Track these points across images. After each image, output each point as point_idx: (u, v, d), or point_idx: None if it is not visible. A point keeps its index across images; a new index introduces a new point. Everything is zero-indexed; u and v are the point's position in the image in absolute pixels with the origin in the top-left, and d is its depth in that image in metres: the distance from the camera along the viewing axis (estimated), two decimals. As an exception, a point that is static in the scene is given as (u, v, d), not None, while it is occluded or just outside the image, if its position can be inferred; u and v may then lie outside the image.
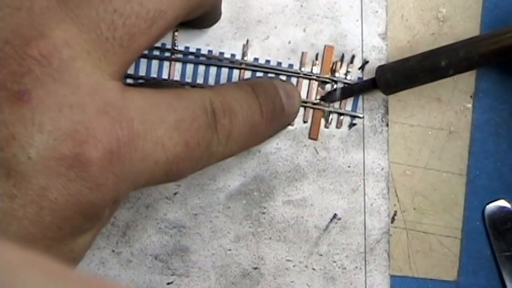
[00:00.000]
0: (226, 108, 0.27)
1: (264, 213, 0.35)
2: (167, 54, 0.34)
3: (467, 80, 0.35)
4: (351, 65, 0.34)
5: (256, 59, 0.34)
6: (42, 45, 0.22)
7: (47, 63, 0.22)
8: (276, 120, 0.31)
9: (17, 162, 0.22)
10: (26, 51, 0.22)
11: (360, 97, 0.34)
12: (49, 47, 0.22)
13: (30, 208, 0.22)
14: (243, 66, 0.34)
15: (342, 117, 0.34)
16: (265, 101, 0.30)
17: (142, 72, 0.34)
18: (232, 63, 0.34)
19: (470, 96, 0.35)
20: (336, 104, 0.34)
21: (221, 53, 0.34)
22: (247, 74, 0.34)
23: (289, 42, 0.34)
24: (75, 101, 0.22)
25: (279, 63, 0.34)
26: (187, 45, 0.34)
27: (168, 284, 0.35)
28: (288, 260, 0.35)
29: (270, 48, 0.34)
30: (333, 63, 0.34)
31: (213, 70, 0.34)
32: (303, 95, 0.34)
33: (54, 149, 0.22)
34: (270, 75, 0.34)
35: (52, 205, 0.22)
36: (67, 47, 0.22)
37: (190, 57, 0.34)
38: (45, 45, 0.22)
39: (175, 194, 0.35)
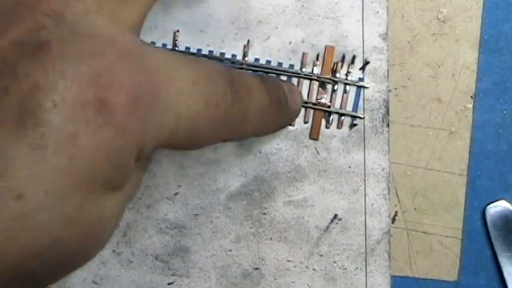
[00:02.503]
0: (244, 82, 0.27)
1: (264, 213, 0.35)
2: (168, 54, 0.34)
3: (467, 80, 0.35)
4: (352, 65, 0.34)
5: (257, 60, 0.34)
6: (53, 1, 0.22)
7: (60, 18, 0.22)
8: (281, 111, 0.31)
9: (44, 110, 0.21)
10: (39, 9, 0.22)
11: (361, 97, 0.34)
12: (60, 3, 0.22)
13: (61, 158, 0.21)
14: (244, 66, 0.34)
15: (342, 117, 0.34)
16: (271, 89, 0.30)
17: (143, 72, 0.34)
18: (233, 64, 0.34)
19: (471, 97, 0.35)
20: (337, 104, 0.34)
21: (222, 54, 0.34)
22: (248, 75, 0.34)
23: (290, 43, 0.34)
24: (94, 49, 0.22)
25: (280, 64, 0.34)
26: (188, 45, 0.34)
27: (169, 284, 0.35)
28: (288, 261, 0.35)
29: (271, 48, 0.34)
30: (334, 64, 0.34)
31: (213, 70, 0.34)
32: (304, 96, 0.34)
33: (79, 94, 0.21)
34: (270, 75, 0.34)
35: (83, 153, 0.21)
36: (78, 1, 0.22)
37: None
38: (56, 1, 0.22)
39: (176, 194, 0.35)
